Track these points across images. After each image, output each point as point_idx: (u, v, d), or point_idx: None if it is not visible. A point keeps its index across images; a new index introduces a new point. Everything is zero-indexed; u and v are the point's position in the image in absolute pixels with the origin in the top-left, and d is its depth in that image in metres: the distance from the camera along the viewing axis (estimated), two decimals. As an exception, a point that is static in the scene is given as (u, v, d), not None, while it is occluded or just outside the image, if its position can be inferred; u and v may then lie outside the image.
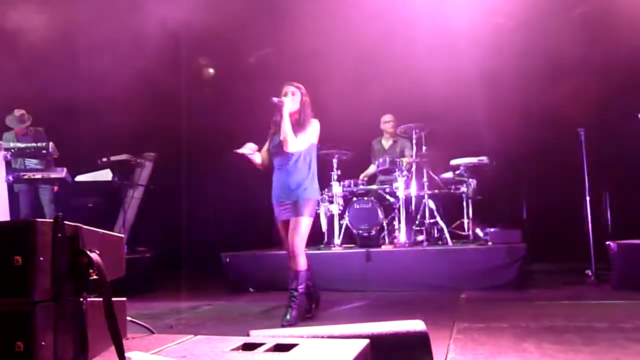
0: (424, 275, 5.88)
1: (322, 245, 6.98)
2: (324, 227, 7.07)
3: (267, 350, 1.76)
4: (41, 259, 1.44)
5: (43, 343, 1.43)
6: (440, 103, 7.41)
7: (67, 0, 6.86)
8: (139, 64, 7.31)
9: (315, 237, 7.32)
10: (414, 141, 6.75)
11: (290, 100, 4.38)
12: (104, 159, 7.38)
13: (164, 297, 6.27)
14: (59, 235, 1.50)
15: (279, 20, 7.82)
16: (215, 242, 7.51)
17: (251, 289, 6.42)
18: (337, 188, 6.86)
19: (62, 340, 1.50)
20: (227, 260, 6.62)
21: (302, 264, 4.33)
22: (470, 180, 6.73)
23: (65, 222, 1.53)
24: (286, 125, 4.26)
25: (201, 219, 8.69)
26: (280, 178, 4.42)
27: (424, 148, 6.80)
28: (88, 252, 1.55)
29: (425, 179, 6.70)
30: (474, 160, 6.73)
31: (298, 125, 4.35)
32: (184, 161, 8.69)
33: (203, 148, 8.64)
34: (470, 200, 6.75)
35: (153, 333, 2.18)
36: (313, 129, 4.39)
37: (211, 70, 9.49)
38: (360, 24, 7.33)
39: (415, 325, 2.11)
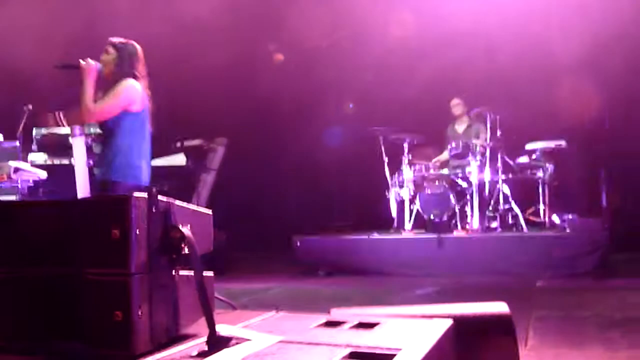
0: (497, 262, 5.74)
1: (392, 230, 6.94)
2: (394, 212, 7.01)
3: (351, 328, 1.77)
4: (137, 232, 1.50)
5: (140, 313, 1.49)
6: (517, 85, 7.17)
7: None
8: (209, 50, 7.46)
9: (385, 222, 7.29)
10: (488, 125, 6.56)
11: (96, 63, 3.60)
12: (178, 144, 7.59)
13: (237, 278, 6.40)
14: (153, 209, 1.55)
15: (346, 2, 7.78)
16: (287, 224, 7.61)
17: (321, 272, 6.46)
18: (408, 172, 6.79)
19: (157, 311, 1.55)
20: (299, 243, 6.69)
21: None
22: (547, 164, 6.49)
23: (157, 197, 1.58)
24: (83, 91, 3.50)
25: (273, 202, 8.82)
26: None
27: (498, 132, 6.61)
28: (180, 227, 1.60)
29: (499, 164, 6.51)
30: (551, 144, 6.48)
31: (110, 88, 3.60)
32: (256, 144, 8.80)
33: (276, 130, 8.74)
34: (546, 186, 6.52)
35: (235, 309, 2.23)
36: (117, 91, 3.52)
37: (280, 54, 9.54)
38: (431, 5, 7.19)
39: (499, 307, 2.05)
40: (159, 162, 7.24)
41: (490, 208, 6.50)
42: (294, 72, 9.09)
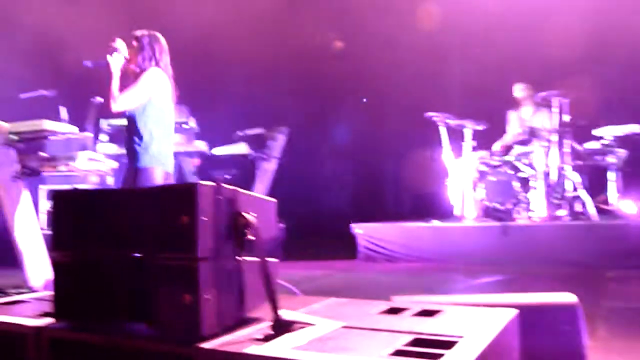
0: (564, 252, 5.55)
1: (453, 218, 6.84)
2: (456, 200, 6.91)
3: (413, 315, 1.77)
4: (204, 219, 1.55)
5: (207, 296, 1.54)
6: (585, 67, 6.88)
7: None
8: (269, 40, 7.54)
9: (445, 211, 7.20)
10: (555, 109, 6.34)
11: (121, 56, 3.81)
12: (240, 133, 7.71)
13: (297, 266, 6.48)
14: (219, 197, 1.60)
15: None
16: (345, 212, 7.62)
17: (381, 260, 6.45)
18: (469, 159, 6.67)
19: (223, 295, 1.61)
20: (358, 231, 6.70)
21: None
22: (619, 150, 6.21)
23: (223, 185, 1.63)
24: (112, 83, 3.72)
25: (332, 190, 8.86)
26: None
27: (565, 117, 6.37)
28: (245, 214, 1.64)
29: (567, 149, 6.28)
30: (624, 129, 6.20)
31: (135, 79, 3.80)
32: (313, 132, 8.85)
33: (333, 118, 8.76)
34: (618, 173, 6.25)
35: (298, 295, 2.27)
36: (141, 82, 3.72)
37: (339, 42, 9.52)
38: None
39: (566, 297, 2.00)
40: (221, 150, 7.40)
41: (557, 195, 6.29)
42: (351, 60, 9.06)
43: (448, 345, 1.39)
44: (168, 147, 3.86)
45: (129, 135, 3.82)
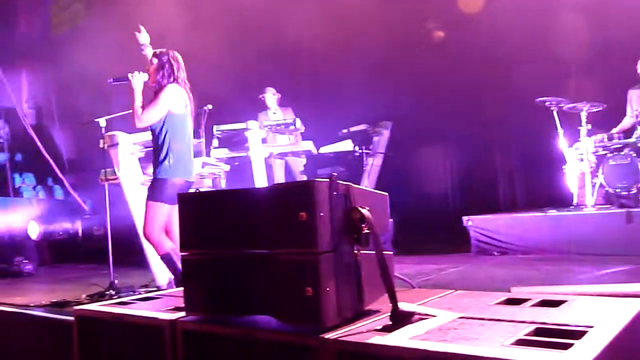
0: (700, 238, 5.12)
1: (572, 207, 6.50)
2: (574, 187, 6.56)
3: (534, 305, 1.73)
4: (322, 214, 1.61)
5: (327, 289, 1.61)
6: None
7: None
8: (367, 33, 7.54)
9: (563, 199, 6.86)
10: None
11: (143, 74, 4.11)
12: (345, 130, 7.80)
13: (409, 260, 6.46)
14: (335, 193, 1.66)
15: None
16: (455, 204, 7.48)
17: (495, 253, 6.28)
18: (587, 144, 6.31)
19: (342, 287, 1.67)
20: (470, 223, 6.56)
21: (159, 248, 4.07)
22: None
23: (338, 181, 1.69)
24: (134, 101, 4.02)
25: (441, 182, 8.71)
26: None
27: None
28: (359, 208, 1.69)
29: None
30: None
31: (155, 96, 4.07)
32: (419, 124, 8.74)
33: (439, 109, 8.60)
34: None
35: (414, 287, 2.29)
36: (161, 98, 4.00)
37: (440, 32, 9.32)
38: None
39: None
40: (327, 149, 7.53)
41: (689, 178, 5.81)
42: (456, 48, 8.85)
43: (577, 335, 1.35)
44: (188, 158, 4.16)
45: (153, 148, 4.14)
